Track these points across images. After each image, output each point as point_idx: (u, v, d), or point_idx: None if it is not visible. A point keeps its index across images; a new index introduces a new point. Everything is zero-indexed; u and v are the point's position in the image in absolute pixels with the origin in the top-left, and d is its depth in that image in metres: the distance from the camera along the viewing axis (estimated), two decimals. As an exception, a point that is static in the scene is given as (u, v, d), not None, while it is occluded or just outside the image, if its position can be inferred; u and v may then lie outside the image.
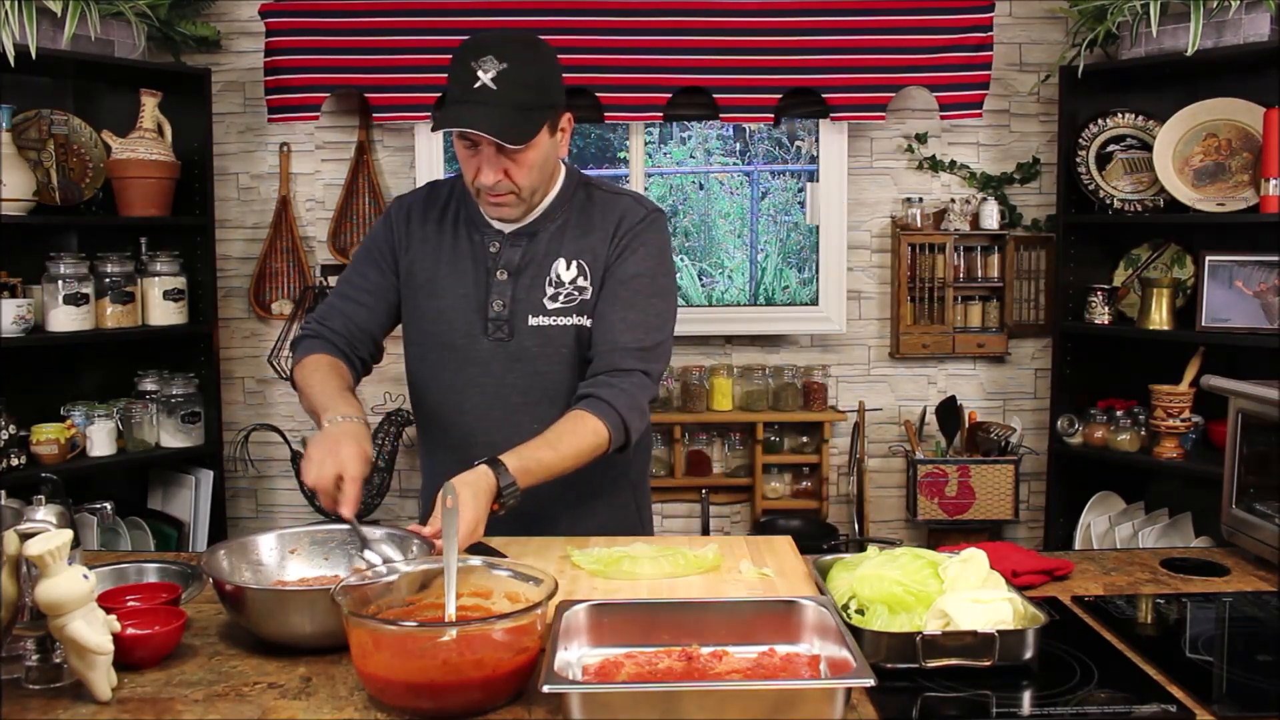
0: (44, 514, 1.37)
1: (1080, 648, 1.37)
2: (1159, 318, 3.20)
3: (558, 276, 1.79)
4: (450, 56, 1.69)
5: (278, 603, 1.34)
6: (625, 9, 3.40)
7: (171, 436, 3.37)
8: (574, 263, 1.79)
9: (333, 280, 3.58)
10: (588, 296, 1.79)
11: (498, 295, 1.79)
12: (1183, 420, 3.11)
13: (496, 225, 1.82)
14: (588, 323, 1.80)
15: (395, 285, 1.87)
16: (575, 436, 1.67)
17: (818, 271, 3.71)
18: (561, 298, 1.79)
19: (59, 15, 2.94)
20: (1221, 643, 1.44)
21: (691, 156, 3.78)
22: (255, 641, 1.36)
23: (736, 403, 3.64)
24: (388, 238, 1.87)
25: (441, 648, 1.17)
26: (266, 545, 1.53)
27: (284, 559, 1.53)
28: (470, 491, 1.50)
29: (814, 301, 3.73)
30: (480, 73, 1.62)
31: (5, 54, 2.84)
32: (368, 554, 1.49)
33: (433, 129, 1.71)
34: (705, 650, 1.28)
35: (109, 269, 3.18)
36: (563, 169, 1.85)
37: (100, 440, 3.20)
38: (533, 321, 1.79)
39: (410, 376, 1.94)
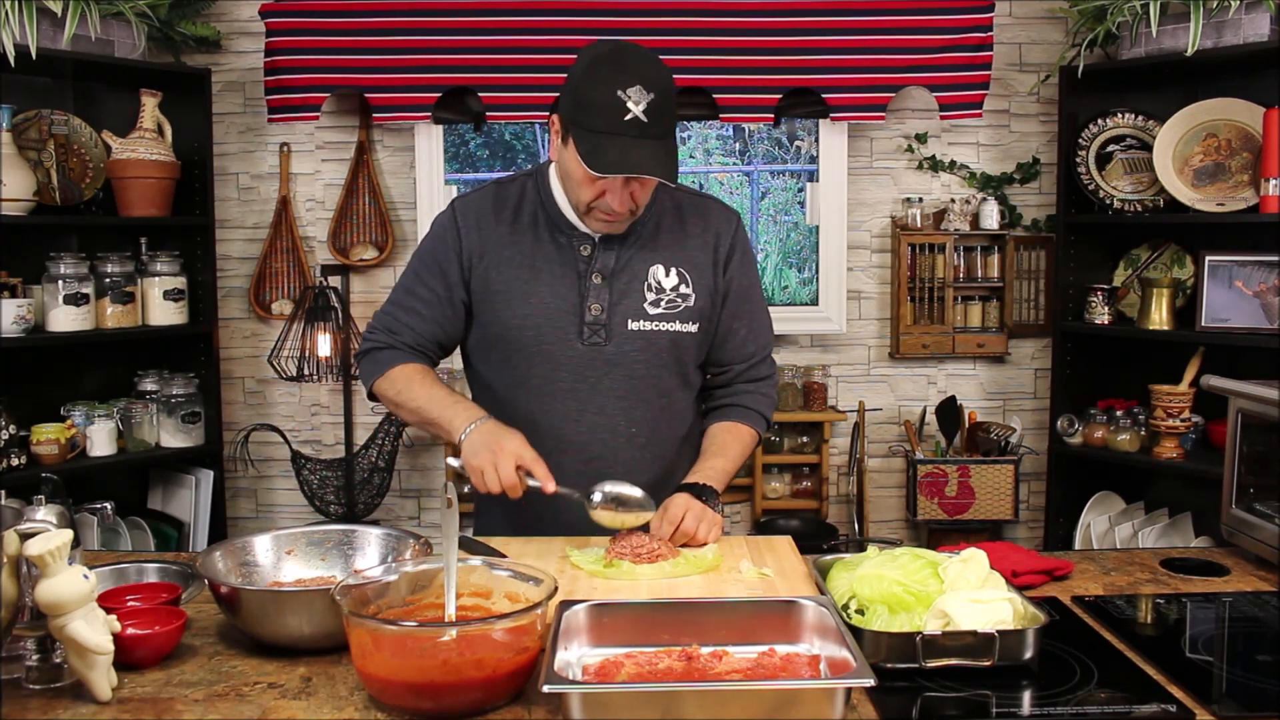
0: (44, 514, 1.37)
1: (1080, 648, 1.37)
2: (1159, 318, 3.20)
3: (658, 283, 1.81)
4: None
5: (273, 604, 1.34)
6: (625, 9, 3.40)
7: (171, 436, 3.37)
8: (674, 270, 1.82)
9: (333, 280, 3.58)
10: (691, 304, 1.82)
11: (595, 299, 1.78)
12: (1183, 420, 3.11)
13: (583, 229, 1.80)
14: (690, 328, 1.82)
15: (463, 295, 1.83)
16: (739, 445, 1.87)
17: (818, 271, 3.71)
18: (664, 304, 1.81)
19: (59, 15, 2.94)
20: (1221, 643, 1.44)
21: (691, 156, 3.78)
22: (255, 641, 1.36)
23: (736, 403, 3.63)
24: (455, 245, 1.82)
25: (441, 648, 1.17)
26: (262, 546, 1.53)
27: (280, 560, 1.52)
28: (680, 503, 1.70)
29: (814, 301, 3.73)
30: (630, 104, 1.60)
31: (5, 54, 2.84)
32: (596, 495, 1.66)
33: (594, 169, 1.62)
34: (705, 650, 1.28)
35: (109, 269, 3.18)
36: None
37: (100, 440, 3.20)
38: (633, 326, 1.79)
39: (481, 384, 1.91)
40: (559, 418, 1.81)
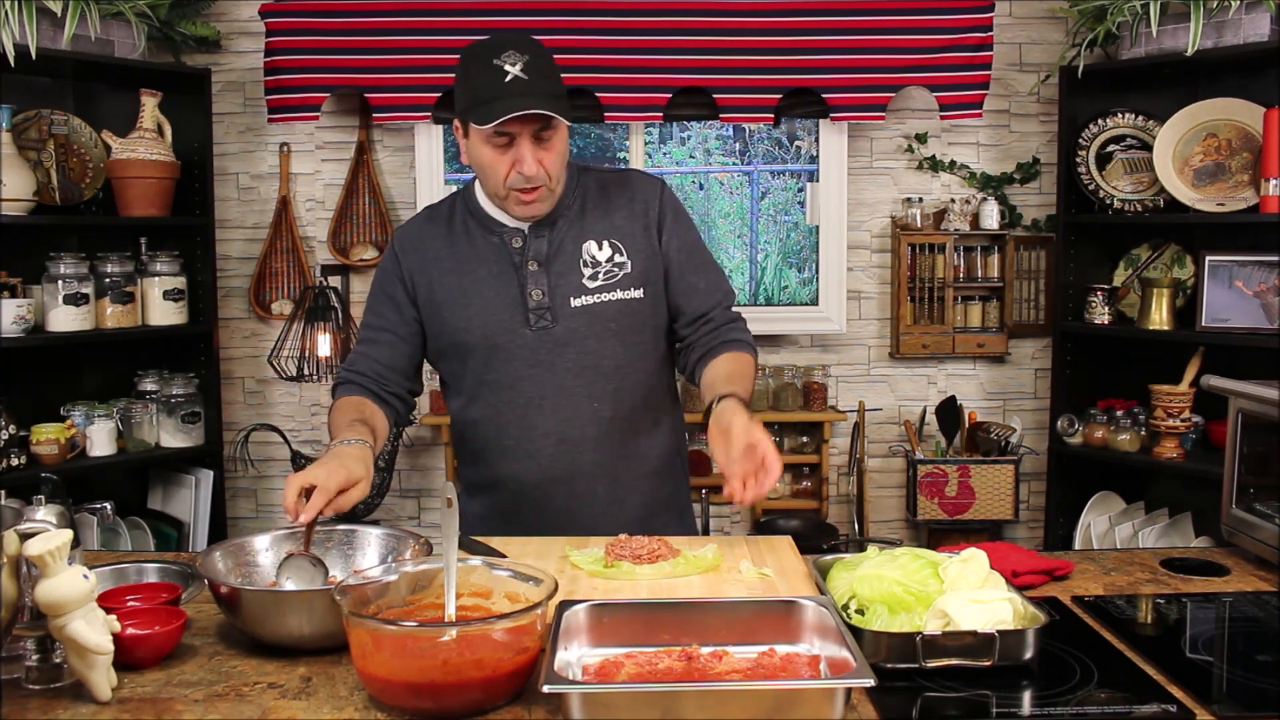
0: (44, 514, 1.37)
1: (1080, 648, 1.37)
2: (1159, 318, 3.20)
3: (592, 257, 1.84)
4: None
5: (273, 604, 1.34)
6: (625, 9, 3.40)
7: (171, 436, 3.37)
8: (605, 242, 1.85)
9: (333, 280, 3.58)
10: (629, 270, 1.85)
11: (534, 285, 1.82)
12: (1183, 420, 3.11)
13: (512, 224, 1.84)
14: (635, 294, 1.85)
15: (415, 316, 1.89)
16: (747, 368, 1.86)
17: (818, 271, 3.71)
18: (601, 275, 1.84)
19: (59, 15, 2.94)
20: (1221, 643, 1.44)
21: (691, 156, 3.78)
22: (255, 641, 1.36)
23: (736, 403, 3.63)
24: (396, 271, 1.90)
25: (441, 648, 1.17)
26: (262, 546, 1.53)
27: (280, 560, 1.52)
28: (758, 427, 1.62)
29: (814, 301, 3.73)
30: (508, 66, 1.68)
31: (5, 54, 2.84)
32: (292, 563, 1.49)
33: (481, 123, 1.69)
34: (705, 650, 1.28)
35: (109, 269, 3.18)
36: None
37: (100, 440, 3.20)
38: (575, 303, 1.82)
39: (449, 389, 1.95)
40: (523, 406, 1.84)
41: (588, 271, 1.84)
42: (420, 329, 1.90)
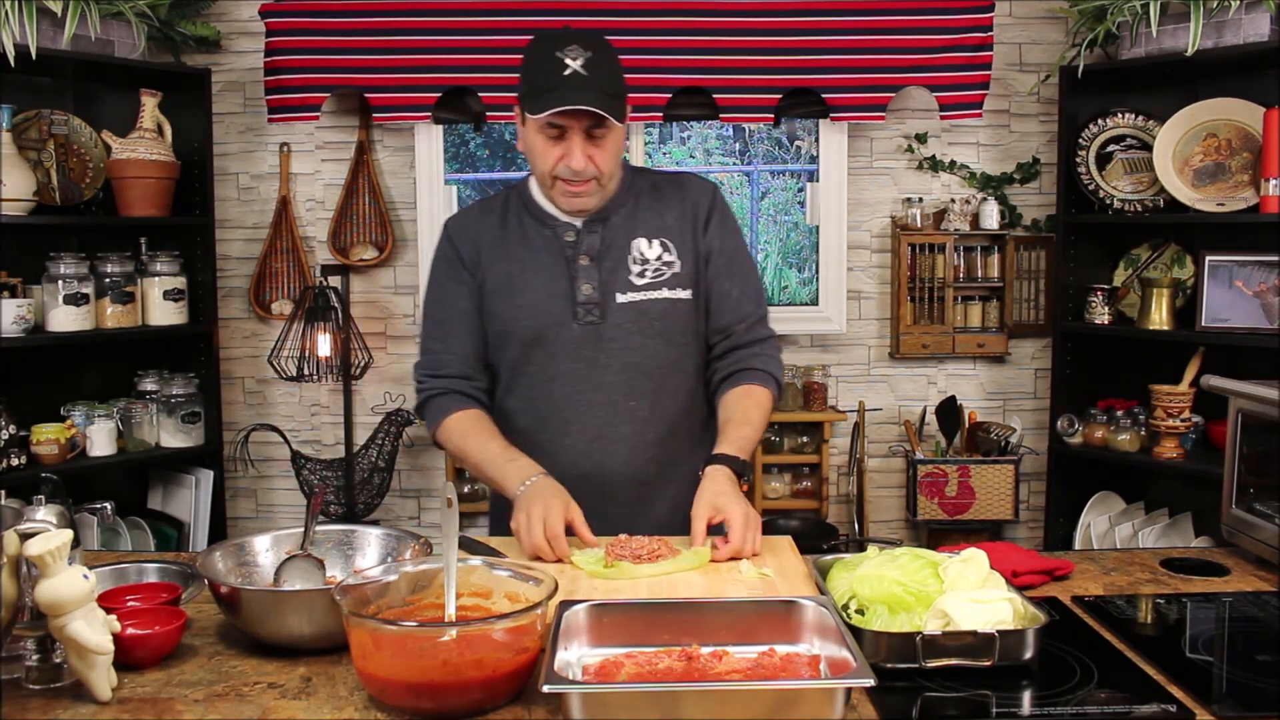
0: (44, 514, 1.37)
1: (1080, 648, 1.37)
2: (1159, 318, 3.20)
3: (641, 254, 1.85)
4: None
5: (273, 604, 1.34)
6: (625, 9, 3.40)
7: (171, 436, 3.37)
8: (655, 240, 1.86)
9: (333, 280, 3.58)
10: (678, 270, 1.86)
11: (585, 279, 1.83)
12: (1183, 420, 3.11)
13: (565, 218, 1.85)
14: (683, 295, 1.86)
15: (481, 302, 1.89)
16: (758, 408, 1.85)
17: (818, 271, 3.70)
18: (649, 273, 1.84)
19: (59, 15, 2.94)
20: (1221, 643, 1.44)
21: (691, 156, 3.79)
22: (255, 641, 1.36)
23: (736, 403, 3.63)
24: (455, 256, 1.89)
25: (441, 648, 1.17)
26: (262, 546, 1.53)
27: (280, 560, 1.52)
28: (730, 495, 1.70)
29: (814, 301, 3.73)
30: (569, 60, 1.70)
31: (5, 54, 2.84)
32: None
33: (533, 113, 1.73)
34: (705, 650, 1.28)
35: (109, 269, 3.18)
36: None
37: (100, 440, 3.20)
38: (622, 299, 1.83)
39: (494, 379, 1.95)
40: (560, 400, 1.84)
41: (636, 269, 1.84)
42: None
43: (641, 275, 1.84)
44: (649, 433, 1.86)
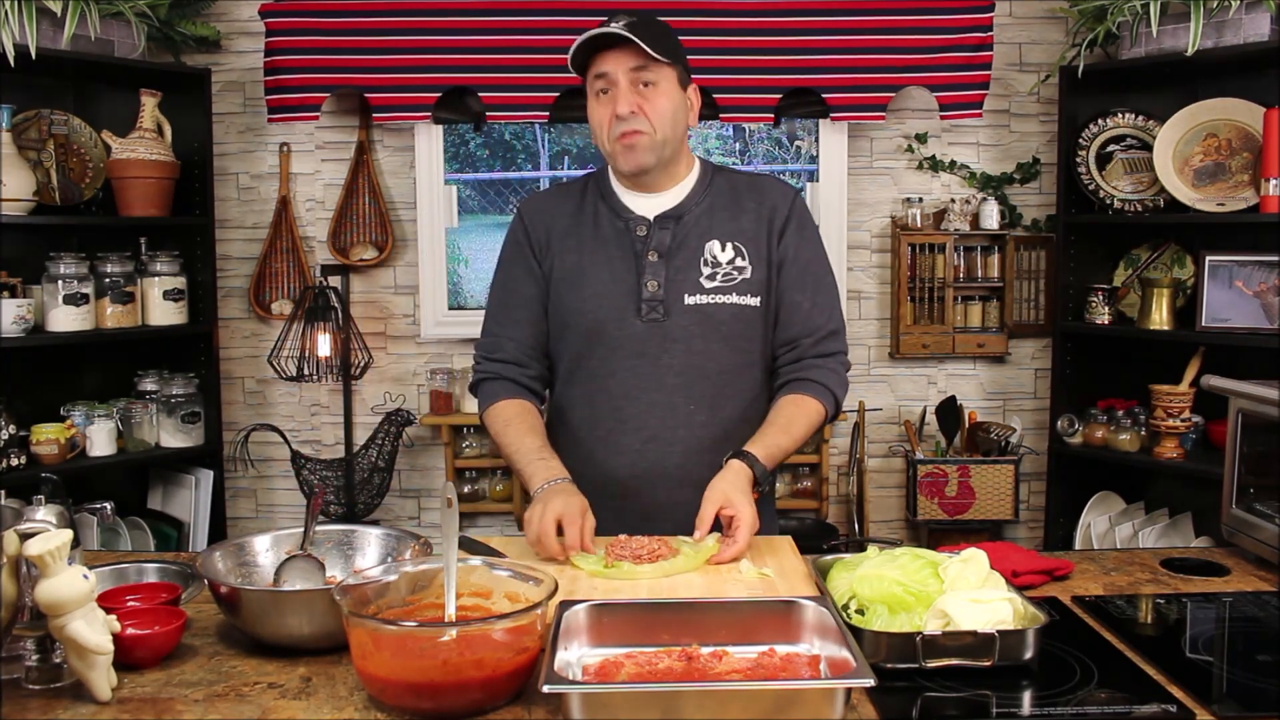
0: (44, 514, 1.37)
1: (1080, 648, 1.37)
2: (1159, 318, 3.20)
3: (714, 257, 1.82)
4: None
5: (273, 604, 1.34)
6: (624, 9, 3.39)
7: (171, 436, 3.37)
8: (729, 244, 1.83)
9: (333, 280, 3.58)
10: (748, 276, 1.83)
11: (651, 276, 1.81)
12: (1183, 420, 3.11)
13: (639, 212, 1.84)
14: (752, 301, 1.82)
15: (546, 289, 1.87)
16: (804, 419, 1.80)
17: (818, 271, 3.70)
18: (719, 277, 1.82)
19: (59, 15, 2.94)
20: (1221, 643, 1.44)
21: (691, 156, 3.79)
22: (255, 641, 1.36)
23: (736, 403, 3.63)
24: (525, 240, 1.89)
25: (441, 648, 1.17)
26: (262, 546, 1.53)
27: (280, 560, 1.52)
28: (744, 494, 1.66)
29: (814, 301, 3.73)
30: (613, 24, 1.75)
31: (5, 54, 2.84)
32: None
33: (572, 64, 1.80)
34: (705, 650, 1.28)
35: (109, 269, 3.18)
36: (696, 158, 1.93)
37: (100, 440, 3.20)
38: (689, 300, 1.80)
39: (552, 370, 1.94)
40: (618, 396, 1.82)
41: (707, 270, 1.81)
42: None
43: (712, 278, 1.81)
44: (705, 438, 1.81)
